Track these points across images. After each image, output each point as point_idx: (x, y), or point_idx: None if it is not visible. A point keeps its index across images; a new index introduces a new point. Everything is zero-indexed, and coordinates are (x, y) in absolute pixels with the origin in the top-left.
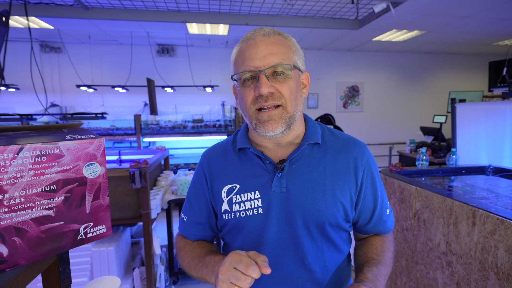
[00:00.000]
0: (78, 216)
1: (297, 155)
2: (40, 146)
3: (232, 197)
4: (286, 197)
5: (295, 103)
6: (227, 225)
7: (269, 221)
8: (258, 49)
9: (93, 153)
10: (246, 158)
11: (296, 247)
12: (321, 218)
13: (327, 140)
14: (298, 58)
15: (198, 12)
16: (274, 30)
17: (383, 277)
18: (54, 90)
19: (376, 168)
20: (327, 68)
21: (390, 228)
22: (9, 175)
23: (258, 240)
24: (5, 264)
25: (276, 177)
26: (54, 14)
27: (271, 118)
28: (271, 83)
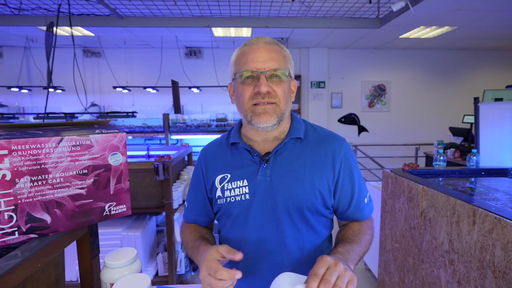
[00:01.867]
0: (104, 196)
1: (281, 148)
2: (75, 138)
3: (224, 185)
4: (270, 185)
5: (286, 103)
6: (220, 209)
7: (254, 205)
8: (261, 54)
9: (116, 144)
10: (237, 151)
11: (277, 229)
12: (300, 203)
13: (309, 135)
14: (291, 67)
15: (220, 17)
16: (273, 40)
17: (355, 253)
18: (94, 91)
19: (354, 161)
20: (351, 67)
21: (368, 215)
22: (52, 160)
23: (245, 222)
24: (48, 229)
25: (262, 168)
26: (94, 23)
27: (266, 111)
28: (269, 83)
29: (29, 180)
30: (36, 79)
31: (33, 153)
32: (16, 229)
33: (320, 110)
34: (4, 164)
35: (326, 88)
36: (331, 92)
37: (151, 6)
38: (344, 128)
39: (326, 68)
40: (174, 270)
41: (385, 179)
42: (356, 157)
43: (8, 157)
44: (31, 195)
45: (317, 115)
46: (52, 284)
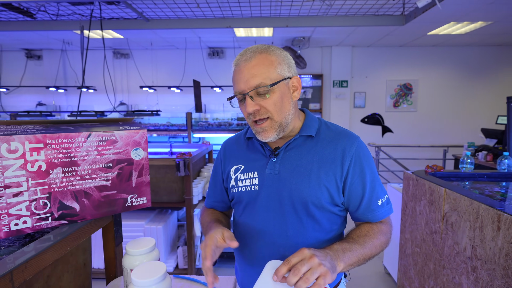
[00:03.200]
0: (127, 188)
1: (291, 144)
2: (102, 133)
3: (238, 175)
4: (277, 178)
5: (281, 112)
6: (234, 197)
7: (261, 196)
8: (242, 74)
9: (138, 140)
10: (252, 145)
11: (281, 221)
12: (305, 197)
13: (322, 132)
14: (283, 68)
15: (241, 18)
16: (257, 50)
17: (352, 253)
18: (122, 90)
19: (367, 160)
20: (376, 66)
21: (380, 217)
22: (81, 153)
23: (252, 210)
24: (77, 217)
25: (271, 161)
26: (123, 26)
27: (263, 129)
28: (256, 101)
29: (61, 171)
30: (71, 80)
31: (65, 146)
32: (50, 215)
33: (342, 110)
34: (40, 156)
35: (348, 87)
36: (354, 92)
37: (175, 9)
38: (367, 129)
39: (349, 67)
40: (193, 264)
41: (406, 181)
42: (371, 156)
43: (43, 150)
44: (62, 184)
45: (339, 115)
46: (80, 267)
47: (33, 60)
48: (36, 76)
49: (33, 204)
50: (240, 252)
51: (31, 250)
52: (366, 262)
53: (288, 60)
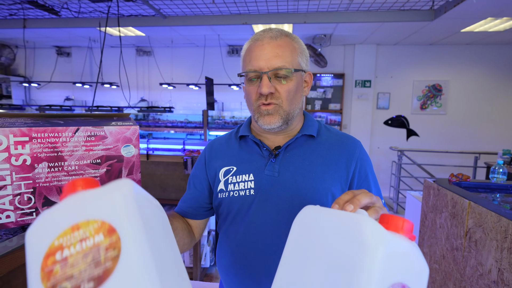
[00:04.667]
0: None
1: (292, 144)
2: (90, 128)
3: (229, 178)
4: (277, 181)
5: (292, 102)
6: (221, 203)
7: (257, 202)
8: (264, 51)
9: (129, 137)
10: (245, 145)
11: (279, 229)
12: (308, 202)
13: (323, 134)
14: (302, 59)
15: (257, 14)
16: (282, 32)
17: None
18: (144, 87)
19: (369, 164)
20: (402, 65)
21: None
22: (68, 148)
23: (244, 218)
24: None
25: (270, 162)
26: (141, 23)
27: (269, 112)
28: (273, 83)
29: (47, 166)
30: (96, 76)
31: (51, 141)
32: (34, 210)
33: (364, 111)
34: (25, 150)
35: (372, 87)
36: (377, 92)
37: (191, 5)
38: (390, 131)
39: (373, 66)
40: (199, 263)
41: (426, 190)
42: (370, 159)
43: (29, 144)
44: (48, 180)
45: (360, 116)
46: None
47: (63, 57)
48: (65, 72)
49: (17, 199)
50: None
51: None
52: None
53: (306, 54)
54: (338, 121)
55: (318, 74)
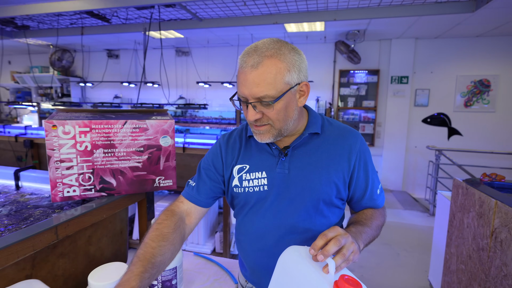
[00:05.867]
0: (155, 170)
1: (298, 142)
2: (136, 121)
3: (242, 175)
4: (288, 177)
5: (282, 121)
6: (238, 197)
7: (271, 196)
8: (246, 81)
9: (166, 129)
10: (255, 144)
11: (291, 219)
12: (317, 195)
13: (326, 129)
14: (292, 75)
15: (287, 13)
16: (266, 51)
17: (366, 234)
18: (182, 85)
19: (369, 155)
20: (444, 60)
21: (380, 205)
22: (118, 138)
23: (260, 210)
24: (114, 191)
25: (281, 161)
26: (180, 26)
27: (260, 133)
28: (259, 109)
29: (102, 152)
30: (141, 76)
31: (106, 131)
32: (93, 187)
33: (400, 108)
34: (87, 138)
35: (409, 83)
36: (415, 89)
37: (224, 8)
38: (428, 130)
39: (411, 62)
40: (228, 249)
41: (455, 189)
42: (370, 151)
43: (89, 133)
44: (103, 163)
45: (396, 114)
46: (117, 234)
47: (113, 59)
48: (114, 72)
49: (80, 177)
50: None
51: (75, 213)
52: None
53: (299, 65)
54: (372, 118)
55: (352, 70)
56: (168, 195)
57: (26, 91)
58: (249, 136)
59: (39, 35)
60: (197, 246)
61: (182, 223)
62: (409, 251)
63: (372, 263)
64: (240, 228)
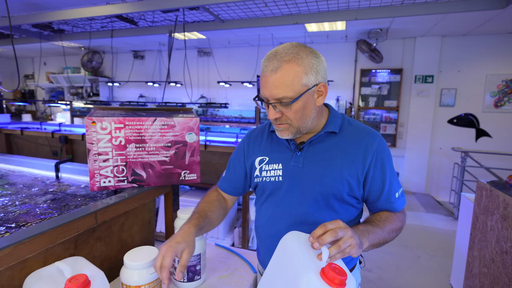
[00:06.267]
0: (181, 164)
1: (315, 139)
2: (164, 119)
3: (262, 166)
4: (301, 171)
5: (300, 119)
6: (257, 186)
7: (285, 187)
8: (267, 83)
9: (192, 126)
10: (276, 139)
11: (303, 210)
12: (327, 189)
13: (345, 129)
14: (309, 78)
15: (308, 13)
16: (285, 56)
17: (374, 234)
18: (204, 85)
19: (387, 156)
20: (473, 58)
21: (398, 209)
22: (149, 134)
23: (275, 199)
24: (143, 183)
25: (296, 155)
26: (202, 28)
27: (280, 130)
28: (279, 109)
29: (134, 146)
30: (164, 76)
31: (137, 128)
32: (125, 178)
33: (424, 109)
34: (121, 134)
35: (434, 83)
36: (441, 88)
37: (245, 9)
38: (454, 131)
39: (436, 60)
40: (247, 244)
41: (478, 191)
42: (390, 153)
43: (123, 129)
44: (135, 156)
45: (419, 114)
46: (146, 223)
47: (138, 60)
48: (139, 73)
49: (115, 169)
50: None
51: (110, 201)
52: (384, 244)
53: (317, 67)
54: (394, 118)
55: (373, 69)
56: (190, 191)
57: (59, 91)
58: (271, 131)
59: (73, 38)
60: (217, 240)
61: (223, 199)
62: (430, 254)
63: (391, 264)
64: (257, 215)
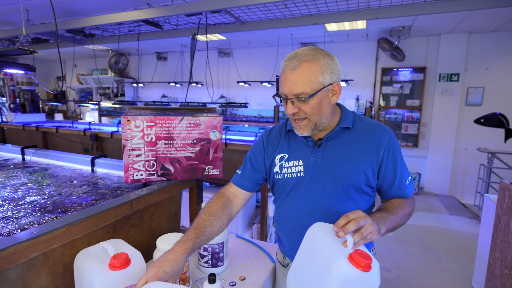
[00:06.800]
0: (205, 160)
1: (331, 135)
2: (190, 118)
3: (283, 163)
4: (321, 165)
5: (317, 115)
6: (277, 182)
7: (306, 181)
8: (287, 81)
9: (215, 124)
10: (293, 137)
11: (324, 203)
12: (347, 181)
13: (357, 125)
14: (325, 76)
15: (327, 13)
16: (304, 56)
17: (390, 220)
18: (224, 85)
19: (397, 147)
20: (502, 55)
21: (409, 194)
22: (176, 131)
23: (297, 195)
24: (171, 176)
25: (315, 151)
26: (224, 30)
27: (299, 127)
28: (296, 105)
29: (164, 143)
30: (186, 77)
31: (166, 126)
32: (155, 172)
33: (449, 108)
34: (152, 131)
35: (460, 81)
36: (467, 87)
37: (265, 11)
38: (481, 131)
39: (462, 58)
40: (265, 240)
41: (501, 191)
42: (399, 145)
43: (154, 127)
44: (164, 152)
45: (444, 113)
46: (172, 213)
47: (161, 61)
48: (162, 73)
49: (146, 164)
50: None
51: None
52: (398, 228)
53: (332, 68)
54: (417, 118)
55: (395, 68)
56: (210, 188)
57: (88, 91)
58: (288, 130)
59: (103, 41)
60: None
61: (230, 203)
62: (452, 256)
63: (410, 265)
64: (279, 210)
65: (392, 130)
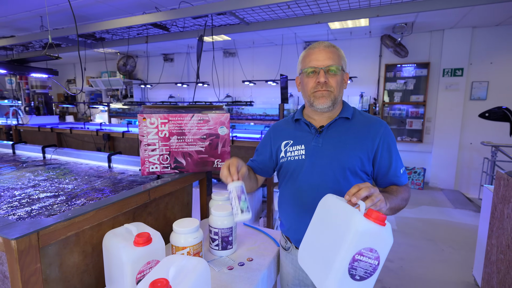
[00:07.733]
0: (214, 154)
1: (332, 124)
2: (200, 115)
3: (287, 148)
4: (321, 150)
5: (339, 90)
6: (282, 166)
7: (306, 163)
8: (321, 55)
9: (223, 121)
10: (299, 125)
11: (322, 182)
12: (343, 164)
13: (356, 117)
14: (344, 64)
15: (330, 12)
16: (331, 44)
17: (392, 200)
18: (229, 84)
19: (392, 139)
20: (506, 49)
21: (404, 182)
22: (188, 127)
23: (298, 175)
24: (183, 169)
25: (316, 137)
26: (229, 31)
27: (323, 95)
28: (325, 77)
29: (176, 138)
30: (192, 77)
31: (179, 122)
32: (169, 165)
33: (453, 102)
34: (166, 128)
35: (464, 76)
36: (471, 81)
37: (269, 12)
38: (485, 125)
39: (466, 52)
40: None
41: (497, 181)
42: (394, 137)
43: (167, 124)
44: (176, 147)
45: (448, 108)
46: (185, 204)
47: (168, 62)
48: (169, 74)
49: (160, 158)
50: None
51: (158, 183)
52: (398, 211)
53: (345, 60)
54: (421, 113)
55: (399, 64)
56: (217, 184)
57: (98, 93)
58: (296, 119)
59: (113, 45)
60: None
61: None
62: (455, 248)
63: (413, 256)
64: (282, 192)
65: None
